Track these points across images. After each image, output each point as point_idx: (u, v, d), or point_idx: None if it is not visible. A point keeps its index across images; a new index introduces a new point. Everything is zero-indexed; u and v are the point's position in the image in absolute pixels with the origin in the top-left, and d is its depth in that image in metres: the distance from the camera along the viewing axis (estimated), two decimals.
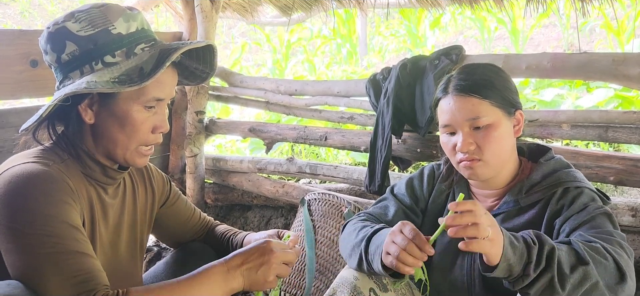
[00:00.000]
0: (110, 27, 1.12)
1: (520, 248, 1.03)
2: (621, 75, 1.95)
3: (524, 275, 1.04)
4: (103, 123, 1.16)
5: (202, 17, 2.94)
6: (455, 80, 1.28)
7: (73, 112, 1.15)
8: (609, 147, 3.63)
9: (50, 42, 1.13)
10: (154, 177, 1.45)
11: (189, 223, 1.55)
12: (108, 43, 1.11)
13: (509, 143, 1.27)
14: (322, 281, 2.09)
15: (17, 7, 10.49)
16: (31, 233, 1.00)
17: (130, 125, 1.15)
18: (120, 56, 1.12)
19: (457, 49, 2.24)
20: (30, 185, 1.04)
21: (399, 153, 2.46)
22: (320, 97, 2.76)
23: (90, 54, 1.11)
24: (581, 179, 1.26)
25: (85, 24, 1.11)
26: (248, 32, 10.45)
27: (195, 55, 1.27)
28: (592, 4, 2.35)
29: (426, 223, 1.44)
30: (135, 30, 1.15)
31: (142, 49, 1.14)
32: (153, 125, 1.19)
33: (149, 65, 1.11)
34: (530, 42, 7.63)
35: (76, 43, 1.11)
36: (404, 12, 7.79)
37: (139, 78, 1.09)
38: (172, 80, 1.21)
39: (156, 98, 1.16)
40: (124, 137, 1.16)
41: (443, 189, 1.44)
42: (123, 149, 1.18)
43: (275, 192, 2.95)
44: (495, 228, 1.02)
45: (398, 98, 2.26)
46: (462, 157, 1.25)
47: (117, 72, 1.10)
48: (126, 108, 1.14)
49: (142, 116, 1.16)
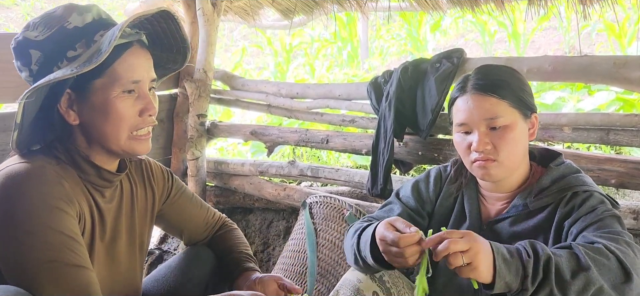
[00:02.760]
0: (65, 24, 1.11)
1: (515, 264, 1.03)
2: (622, 78, 1.95)
3: (523, 289, 1.03)
4: (88, 120, 1.14)
5: (204, 20, 2.94)
6: (474, 80, 1.27)
7: (55, 116, 1.14)
8: (611, 150, 3.63)
9: (18, 58, 1.13)
10: (154, 174, 1.42)
11: (195, 219, 1.52)
12: (66, 38, 1.10)
13: (523, 146, 1.27)
14: (324, 284, 2.09)
15: (20, 10, 10.51)
16: (27, 240, 0.98)
17: (114, 113, 1.13)
18: (81, 47, 1.11)
19: (459, 52, 2.24)
20: (26, 188, 1.02)
21: (400, 156, 2.46)
22: (322, 100, 2.76)
23: (53, 54, 1.10)
24: (590, 184, 1.26)
25: (42, 28, 1.10)
26: (249, 35, 10.46)
27: (164, 34, 1.24)
28: (593, 7, 2.35)
29: (432, 225, 1.43)
30: (92, 20, 1.13)
31: (101, 35, 1.12)
32: (139, 109, 1.16)
33: (104, 45, 1.09)
34: (531, 45, 7.62)
35: (38, 48, 1.10)
36: (405, 15, 7.79)
37: (96, 57, 1.06)
38: (145, 59, 1.18)
39: (132, 80, 1.14)
40: (111, 127, 1.14)
41: (451, 191, 1.43)
42: (116, 140, 1.15)
43: (276, 195, 2.95)
44: (473, 252, 1.01)
45: (399, 101, 2.27)
46: (477, 157, 1.24)
47: (80, 61, 1.09)
48: (104, 97, 1.12)
49: (123, 102, 1.14)
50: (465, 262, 1.00)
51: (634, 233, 2.03)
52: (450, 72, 2.15)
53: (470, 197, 1.38)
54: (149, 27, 1.22)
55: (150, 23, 1.21)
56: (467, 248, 1.01)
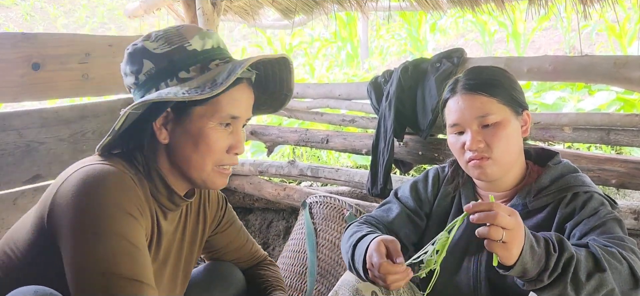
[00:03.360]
0: (185, 44, 1.10)
1: (539, 253, 1.02)
2: (623, 78, 1.95)
3: (538, 280, 1.03)
4: (177, 143, 1.12)
5: (204, 20, 2.94)
6: (463, 80, 1.29)
7: (148, 130, 1.12)
8: (611, 150, 3.63)
9: (129, 63, 1.12)
10: (209, 200, 1.39)
11: (237, 252, 1.50)
12: (183, 59, 1.10)
13: (517, 143, 1.28)
14: (324, 284, 2.09)
15: (19, 10, 10.52)
16: (90, 241, 0.96)
17: (205, 143, 1.11)
18: (195, 71, 1.10)
19: (459, 51, 2.24)
20: (104, 189, 1.00)
21: (400, 156, 2.46)
22: (322, 99, 2.76)
23: (165, 71, 1.09)
24: (589, 184, 1.26)
25: (162, 42, 1.10)
26: (249, 35, 10.47)
27: (271, 77, 1.24)
28: (593, 7, 2.35)
29: (430, 226, 1.43)
30: (211, 47, 1.13)
31: (217, 65, 1.12)
32: (228, 145, 1.15)
33: (222, 76, 1.08)
34: (532, 45, 7.63)
35: (152, 61, 1.10)
36: (405, 15, 7.80)
37: (211, 88, 1.05)
38: (248, 97, 1.17)
39: (231, 115, 1.13)
40: (198, 156, 1.12)
41: (448, 192, 1.43)
42: (198, 170, 1.14)
43: (276, 195, 2.94)
44: (514, 233, 0.99)
45: (399, 101, 2.27)
46: (472, 156, 1.24)
47: (191, 85, 1.07)
48: (200, 125, 1.11)
49: (217, 134, 1.12)
50: (503, 240, 0.98)
51: (634, 234, 2.03)
52: (450, 72, 2.15)
53: (467, 196, 1.38)
54: (260, 68, 1.21)
55: (263, 64, 1.20)
56: (510, 227, 0.99)
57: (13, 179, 2.19)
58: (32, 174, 2.25)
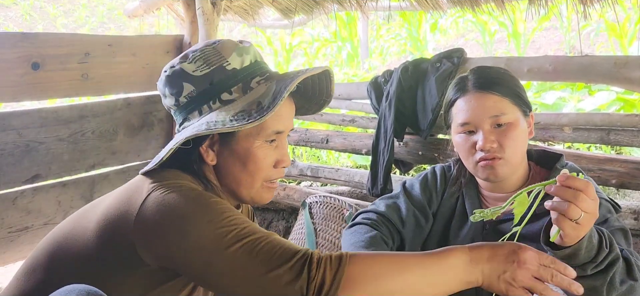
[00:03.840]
0: (224, 64, 1.09)
1: (594, 245, 1.01)
2: (623, 78, 1.95)
3: (581, 268, 1.01)
4: (225, 164, 1.12)
5: (204, 20, 2.94)
6: (473, 79, 1.27)
7: (194, 155, 1.11)
8: (611, 150, 3.63)
9: (168, 85, 1.11)
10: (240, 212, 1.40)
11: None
12: (224, 80, 1.09)
13: (525, 144, 1.27)
14: None
15: (19, 10, 10.52)
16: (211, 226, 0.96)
17: (253, 162, 1.11)
18: (237, 92, 1.09)
19: (459, 51, 2.24)
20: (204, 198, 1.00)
21: (400, 156, 2.45)
22: None
23: (207, 93, 1.08)
24: (596, 188, 1.25)
25: (201, 63, 1.09)
26: (249, 34, 10.46)
27: (311, 85, 1.22)
28: (593, 7, 2.34)
29: (436, 225, 1.40)
30: (249, 63, 1.12)
31: (258, 83, 1.11)
32: (275, 160, 1.14)
33: (267, 98, 1.07)
34: (532, 45, 7.62)
35: (192, 83, 1.08)
36: (405, 15, 7.79)
37: (257, 113, 1.04)
38: (291, 111, 1.17)
39: (276, 131, 1.12)
40: (247, 176, 1.12)
41: (453, 191, 1.41)
42: (247, 188, 1.14)
43: (276, 195, 2.94)
44: (590, 218, 0.97)
45: (400, 101, 2.26)
46: (483, 156, 1.22)
47: (235, 109, 1.07)
48: (247, 145, 1.10)
49: (264, 152, 1.12)
50: (578, 221, 0.95)
51: (634, 234, 2.03)
52: (450, 72, 2.15)
53: (471, 197, 1.37)
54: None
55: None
56: (590, 211, 0.97)
57: (12, 179, 2.19)
58: (32, 174, 2.25)
